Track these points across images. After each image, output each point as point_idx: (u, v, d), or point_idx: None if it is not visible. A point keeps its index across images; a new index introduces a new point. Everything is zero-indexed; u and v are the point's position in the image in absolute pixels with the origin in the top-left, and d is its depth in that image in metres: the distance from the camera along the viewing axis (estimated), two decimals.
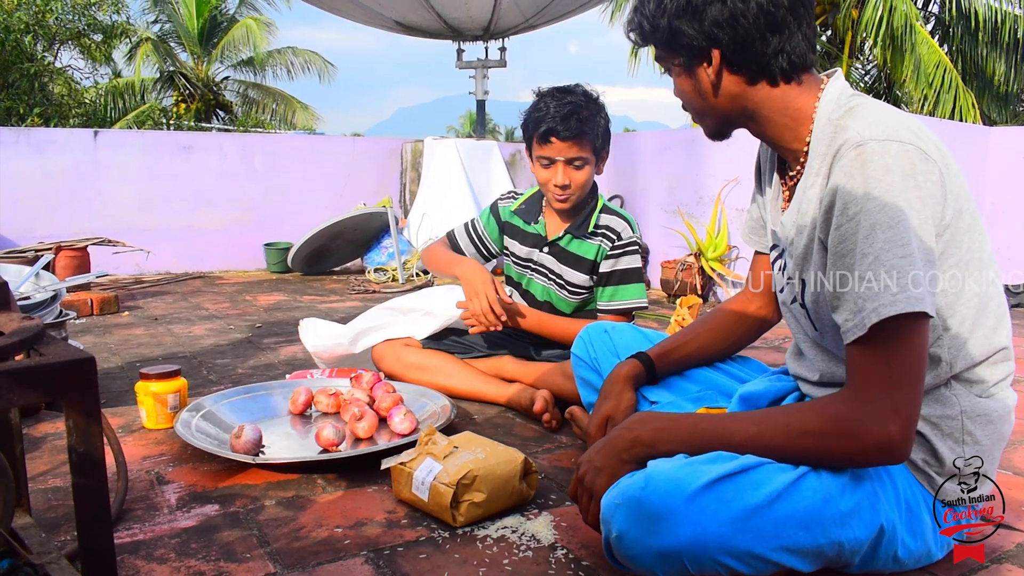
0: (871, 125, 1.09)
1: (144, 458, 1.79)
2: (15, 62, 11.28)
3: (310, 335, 2.45)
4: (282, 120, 19.63)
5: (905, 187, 1.04)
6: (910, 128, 1.10)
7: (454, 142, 5.68)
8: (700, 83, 1.24)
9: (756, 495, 1.05)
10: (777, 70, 1.19)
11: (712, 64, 1.20)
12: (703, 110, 1.28)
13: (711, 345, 1.58)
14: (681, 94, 1.29)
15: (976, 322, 1.16)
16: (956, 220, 1.11)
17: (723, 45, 1.18)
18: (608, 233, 2.20)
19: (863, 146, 1.07)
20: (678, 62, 1.25)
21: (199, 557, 1.31)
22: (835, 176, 1.09)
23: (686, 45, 1.21)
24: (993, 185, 4.63)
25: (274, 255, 5.53)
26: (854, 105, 1.16)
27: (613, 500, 1.09)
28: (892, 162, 1.05)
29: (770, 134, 1.26)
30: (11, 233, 5.04)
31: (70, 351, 0.81)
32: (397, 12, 6.72)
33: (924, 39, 11.89)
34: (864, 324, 1.04)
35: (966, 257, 1.14)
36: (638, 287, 2.19)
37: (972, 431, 1.17)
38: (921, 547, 1.17)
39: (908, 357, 1.05)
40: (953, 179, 1.11)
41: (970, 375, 1.18)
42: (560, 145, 2.09)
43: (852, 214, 1.06)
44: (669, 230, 4.71)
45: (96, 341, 3.13)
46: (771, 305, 1.55)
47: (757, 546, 1.04)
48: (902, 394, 1.05)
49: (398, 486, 1.53)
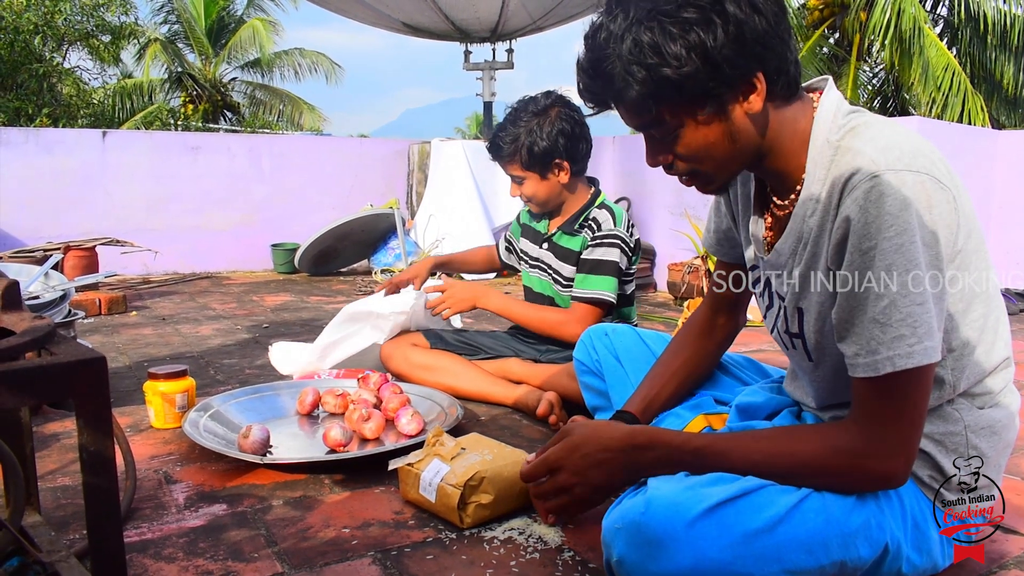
0: (884, 152, 1.03)
1: (152, 457, 1.79)
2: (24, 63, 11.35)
3: (281, 361, 2.46)
4: (289, 121, 19.67)
5: (921, 223, 1.01)
6: (922, 152, 1.05)
7: (461, 144, 5.68)
8: (734, 123, 1.09)
9: (758, 519, 1.04)
10: (796, 80, 1.12)
11: (757, 90, 1.08)
12: (729, 157, 1.13)
13: (689, 378, 1.50)
14: (700, 149, 1.12)
15: (979, 341, 1.14)
16: (966, 243, 1.08)
17: (767, 63, 1.07)
18: (592, 225, 2.24)
19: (878, 178, 1.01)
20: (704, 112, 1.08)
21: (207, 556, 1.32)
22: (847, 208, 1.03)
23: (726, 79, 1.05)
24: (1001, 189, 4.61)
25: (281, 256, 5.55)
26: (855, 125, 1.10)
27: (613, 524, 1.08)
28: (909, 195, 1.00)
29: (778, 166, 1.16)
30: (20, 233, 5.06)
31: (81, 350, 0.81)
32: (404, 13, 6.73)
33: (932, 42, 11.86)
34: (878, 369, 1.03)
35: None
36: (607, 280, 2.18)
37: (976, 444, 1.15)
38: (926, 562, 1.16)
39: (916, 400, 1.06)
40: (963, 202, 1.08)
41: (972, 390, 1.17)
42: (500, 163, 2.29)
43: (866, 249, 1.02)
44: (676, 232, 4.71)
45: (104, 341, 3.14)
46: (736, 314, 1.51)
47: (758, 570, 1.03)
48: (908, 432, 1.06)
49: (405, 487, 1.53)
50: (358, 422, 1.87)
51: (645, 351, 1.65)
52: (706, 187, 1.21)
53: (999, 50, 12.93)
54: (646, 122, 1.12)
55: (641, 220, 5.10)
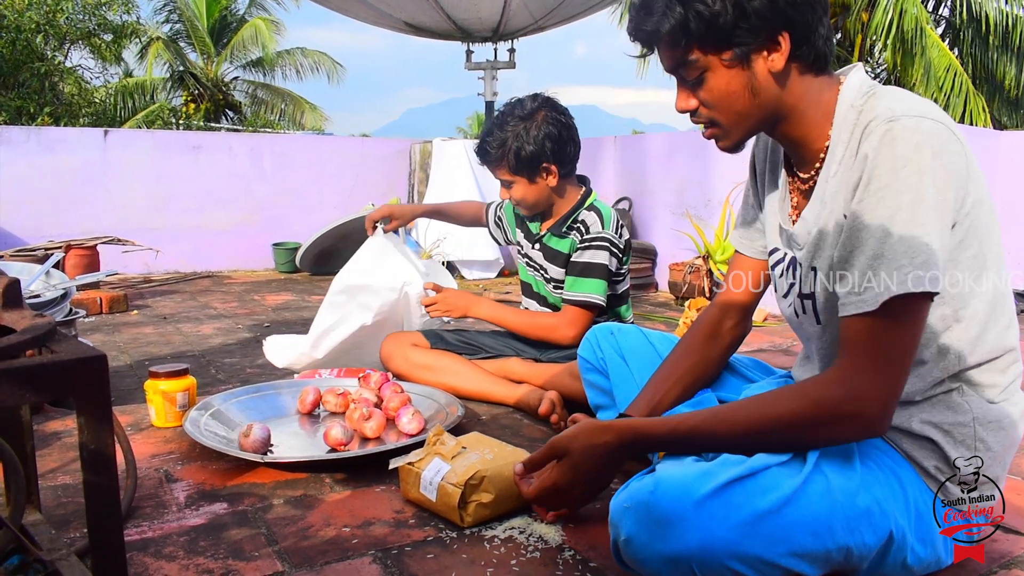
0: (901, 102, 1.08)
1: (153, 456, 1.79)
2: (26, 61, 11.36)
3: (275, 355, 2.46)
4: (291, 120, 19.69)
5: (933, 166, 1.03)
6: (938, 109, 1.09)
7: (463, 143, 5.68)
8: (756, 76, 1.16)
9: (765, 500, 1.05)
10: (824, 55, 1.17)
11: (781, 49, 1.14)
12: (747, 111, 1.19)
13: (695, 383, 1.50)
14: (722, 96, 1.18)
15: (989, 318, 1.15)
16: (977, 209, 1.10)
17: (794, 26, 1.13)
18: (580, 228, 2.25)
19: (895, 121, 1.05)
20: (729, 56, 1.15)
21: (207, 555, 1.32)
22: (863, 150, 1.08)
23: (753, 29, 1.12)
24: (1003, 190, 4.60)
25: (282, 255, 5.54)
26: (877, 91, 1.15)
27: (622, 504, 1.08)
28: (923, 139, 1.04)
29: (798, 133, 1.21)
30: (21, 232, 5.07)
31: (82, 349, 0.81)
32: (406, 13, 6.72)
33: (934, 42, 11.86)
34: (876, 300, 1.05)
35: (984, 250, 1.13)
36: (596, 283, 2.18)
37: (984, 438, 1.16)
38: (931, 554, 1.17)
39: (908, 336, 1.07)
40: (975, 166, 1.11)
41: (980, 378, 1.17)
42: (489, 168, 2.30)
43: (876, 189, 1.05)
44: (677, 232, 4.71)
45: (105, 339, 3.14)
46: (744, 319, 1.52)
47: (765, 551, 1.04)
48: (892, 373, 1.07)
49: (406, 486, 1.53)
50: (359, 421, 1.87)
51: (651, 351, 1.65)
52: (723, 141, 1.25)
53: (1001, 51, 12.93)
54: (678, 61, 1.19)
55: (642, 220, 5.10)
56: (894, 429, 1.19)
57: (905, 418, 1.18)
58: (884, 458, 1.18)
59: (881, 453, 1.18)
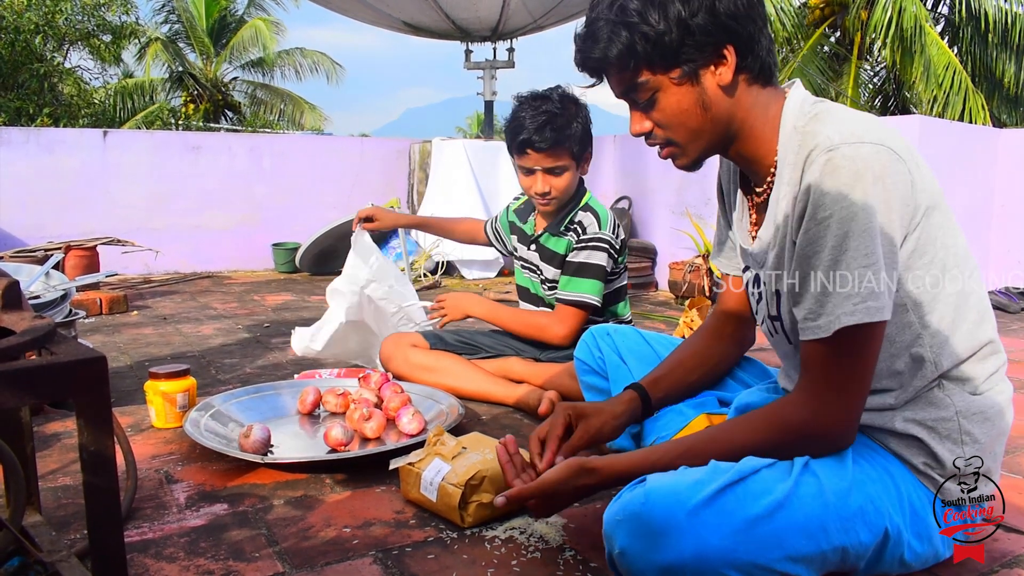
0: (840, 129, 1.09)
1: (153, 457, 1.79)
2: (25, 62, 11.35)
3: (297, 344, 2.50)
4: (290, 121, 19.68)
5: (875, 191, 1.05)
6: (876, 129, 1.10)
7: (462, 143, 5.68)
8: (706, 91, 1.17)
9: (757, 506, 1.05)
10: (769, 67, 1.19)
11: (727, 62, 1.16)
12: (700, 127, 1.20)
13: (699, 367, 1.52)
14: (674, 114, 1.20)
15: (957, 318, 1.16)
16: (927, 218, 1.12)
17: (738, 39, 1.15)
18: (577, 228, 2.25)
19: (834, 151, 1.06)
20: (677, 74, 1.16)
21: (208, 556, 1.31)
22: (806, 180, 1.09)
23: (698, 45, 1.14)
24: (1003, 187, 4.60)
25: (282, 255, 5.55)
26: (818, 111, 1.16)
27: (614, 516, 1.08)
28: (862, 166, 1.05)
29: (749, 150, 1.23)
30: (21, 232, 5.07)
31: (81, 350, 0.81)
32: (405, 13, 6.72)
33: (934, 40, 11.85)
34: (829, 328, 1.08)
35: (941, 254, 1.14)
36: (592, 283, 2.19)
37: (970, 430, 1.16)
38: (928, 549, 1.17)
39: (863, 361, 1.11)
40: (923, 177, 1.12)
41: (959, 373, 1.17)
42: (537, 156, 2.16)
43: (821, 218, 1.07)
44: (677, 231, 4.71)
45: (105, 340, 3.14)
46: (744, 328, 1.53)
47: (760, 557, 1.04)
48: (853, 394, 1.12)
49: (406, 486, 1.53)
50: (359, 421, 1.87)
51: (649, 351, 1.65)
52: (681, 159, 1.27)
53: (1000, 48, 12.93)
54: (628, 85, 1.20)
55: (642, 219, 5.10)
56: (879, 430, 1.20)
57: (888, 418, 1.18)
58: (875, 456, 1.18)
59: (872, 451, 1.19)
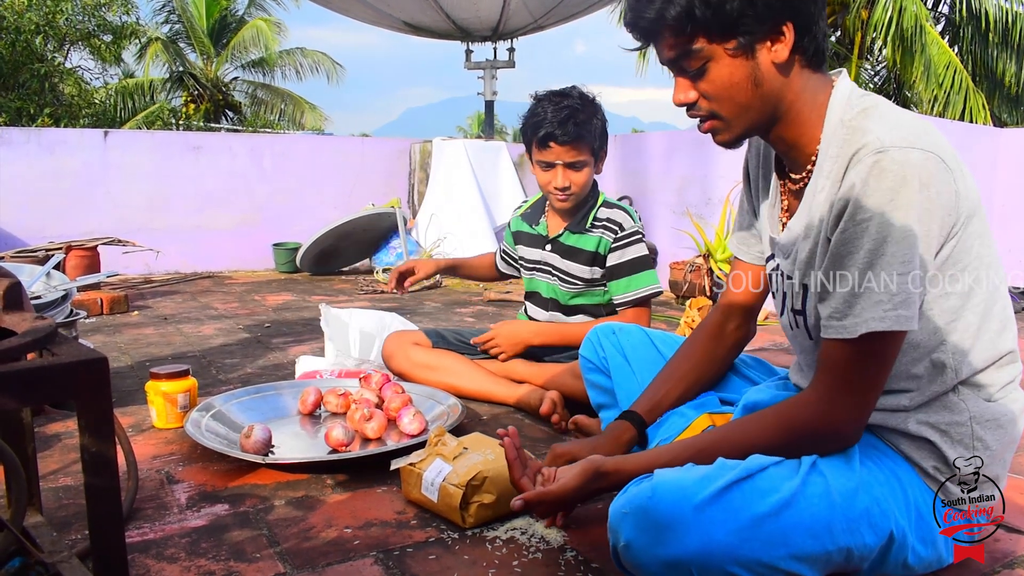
0: (891, 130, 1.07)
1: (154, 457, 1.79)
2: (26, 62, 11.35)
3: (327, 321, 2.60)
4: (291, 121, 19.68)
5: (919, 198, 1.04)
6: (928, 134, 1.08)
7: (462, 143, 5.68)
8: (759, 66, 1.14)
9: (764, 503, 1.05)
10: (823, 51, 1.17)
11: (785, 39, 1.12)
12: (749, 102, 1.16)
13: (698, 382, 1.51)
14: (724, 86, 1.15)
15: (981, 327, 1.15)
16: (966, 227, 1.11)
17: (798, 17, 1.12)
18: (609, 225, 2.22)
19: (883, 153, 1.04)
20: (733, 45, 1.12)
21: (209, 557, 1.31)
22: (850, 179, 1.07)
23: (759, 17, 1.10)
24: (1004, 187, 4.60)
25: (283, 255, 5.55)
26: (867, 106, 1.14)
27: (620, 509, 1.08)
28: (910, 172, 1.03)
29: (792, 135, 1.20)
30: (22, 233, 5.07)
31: (83, 351, 0.81)
32: (406, 13, 6.72)
33: (934, 40, 11.84)
34: (855, 330, 1.08)
35: (975, 263, 1.13)
36: (650, 274, 2.21)
37: (982, 436, 1.16)
38: (932, 553, 1.17)
39: (883, 366, 1.11)
40: (966, 185, 1.11)
41: (977, 380, 1.17)
42: (559, 149, 2.14)
43: (860, 220, 1.06)
44: (678, 231, 4.70)
45: (106, 340, 3.14)
46: (747, 322, 1.52)
47: (765, 554, 1.04)
48: (867, 396, 1.12)
49: (407, 487, 1.53)
50: (360, 422, 1.86)
51: (653, 351, 1.65)
52: (723, 135, 1.22)
53: (1001, 48, 12.92)
54: (680, 51, 1.15)
55: (643, 218, 5.07)
56: (891, 431, 1.20)
57: (901, 420, 1.18)
58: (883, 458, 1.18)
59: (880, 453, 1.18)
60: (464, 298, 4.47)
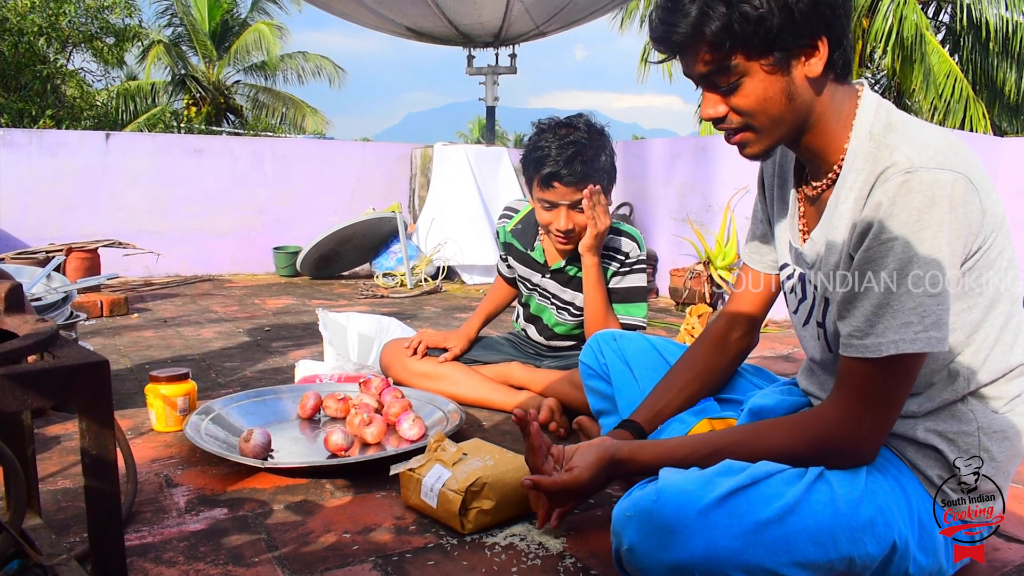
0: (921, 150, 1.06)
1: (153, 460, 1.79)
2: (28, 64, 11.36)
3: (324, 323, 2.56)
4: (292, 124, 19.70)
5: (947, 220, 1.03)
6: (957, 152, 1.07)
7: (463, 148, 5.68)
8: (793, 81, 1.12)
9: (768, 509, 1.05)
10: (850, 63, 1.17)
11: (819, 53, 1.11)
12: (781, 116, 1.15)
13: (699, 392, 1.50)
14: (759, 101, 1.14)
15: (997, 340, 1.15)
16: (991, 242, 1.11)
17: (832, 31, 1.11)
18: (615, 255, 2.15)
19: (912, 173, 1.04)
20: (770, 61, 1.10)
21: (207, 560, 1.31)
22: (876, 197, 1.06)
23: (797, 32, 1.09)
24: (1004, 196, 4.59)
25: (283, 259, 5.55)
26: (893, 121, 1.13)
27: (624, 512, 1.08)
28: (939, 194, 1.03)
29: (818, 144, 1.19)
30: (22, 234, 5.07)
31: (83, 354, 0.81)
32: (408, 18, 6.73)
33: (934, 49, 11.88)
34: (879, 350, 1.07)
35: (996, 278, 1.13)
36: (641, 306, 2.17)
37: (989, 447, 1.16)
38: (933, 564, 1.16)
39: (905, 385, 1.11)
40: (992, 202, 1.11)
41: (986, 391, 1.17)
42: (563, 190, 2.00)
43: (886, 239, 1.05)
44: (678, 238, 4.71)
45: (106, 343, 3.14)
46: (751, 332, 1.51)
47: (768, 560, 1.04)
48: (888, 414, 1.12)
49: (407, 492, 1.53)
50: (359, 427, 1.86)
51: (655, 356, 1.64)
52: (753, 147, 1.20)
53: (1001, 57, 12.95)
54: (715, 67, 1.13)
55: (643, 226, 5.10)
56: (899, 437, 1.20)
57: (909, 426, 1.18)
58: (888, 467, 1.18)
59: (886, 462, 1.18)
60: (464, 303, 4.46)
